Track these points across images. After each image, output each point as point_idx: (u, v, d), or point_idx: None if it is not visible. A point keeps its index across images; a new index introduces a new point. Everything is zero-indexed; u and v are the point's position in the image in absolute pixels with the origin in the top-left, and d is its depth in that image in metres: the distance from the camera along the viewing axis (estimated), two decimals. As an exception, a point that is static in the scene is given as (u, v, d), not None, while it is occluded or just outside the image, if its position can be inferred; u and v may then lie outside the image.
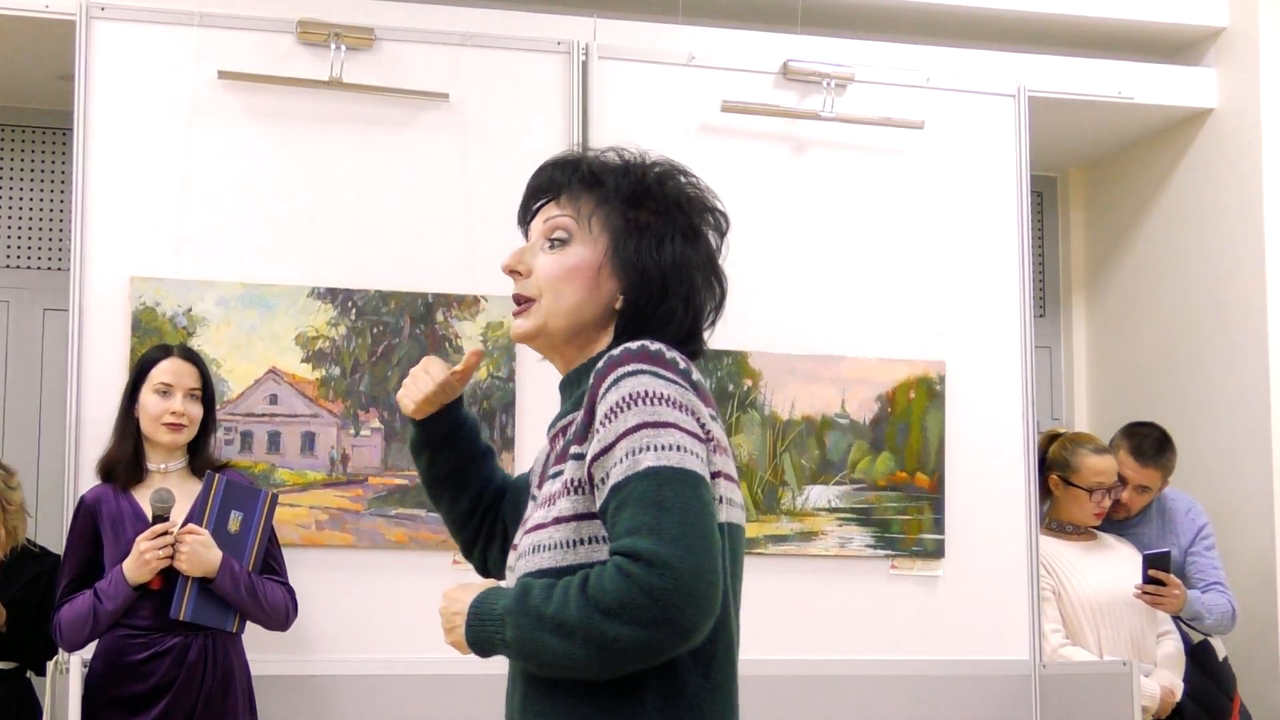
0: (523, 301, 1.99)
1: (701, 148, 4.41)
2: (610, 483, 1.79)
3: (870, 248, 4.55)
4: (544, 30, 4.53)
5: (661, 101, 4.44)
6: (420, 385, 2.13)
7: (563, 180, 1.99)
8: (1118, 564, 4.64)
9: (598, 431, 1.81)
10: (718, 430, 1.87)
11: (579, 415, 1.87)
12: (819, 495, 4.42)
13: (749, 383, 4.39)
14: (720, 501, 1.84)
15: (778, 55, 4.58)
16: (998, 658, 4.47)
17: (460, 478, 2.16)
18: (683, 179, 2.01)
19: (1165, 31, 5.50)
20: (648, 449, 1.77)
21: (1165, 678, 4.52)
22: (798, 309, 4.46)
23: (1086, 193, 6.22)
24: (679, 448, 1.78)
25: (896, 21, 5.29)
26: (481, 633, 1.82)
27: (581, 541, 1.83)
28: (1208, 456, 5.32)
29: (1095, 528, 4.71)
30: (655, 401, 1.80)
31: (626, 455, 1.78)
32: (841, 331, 4.49)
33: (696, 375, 1.88)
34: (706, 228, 2.00)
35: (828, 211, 4.53)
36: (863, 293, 4.53)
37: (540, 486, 1.99)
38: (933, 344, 4.55)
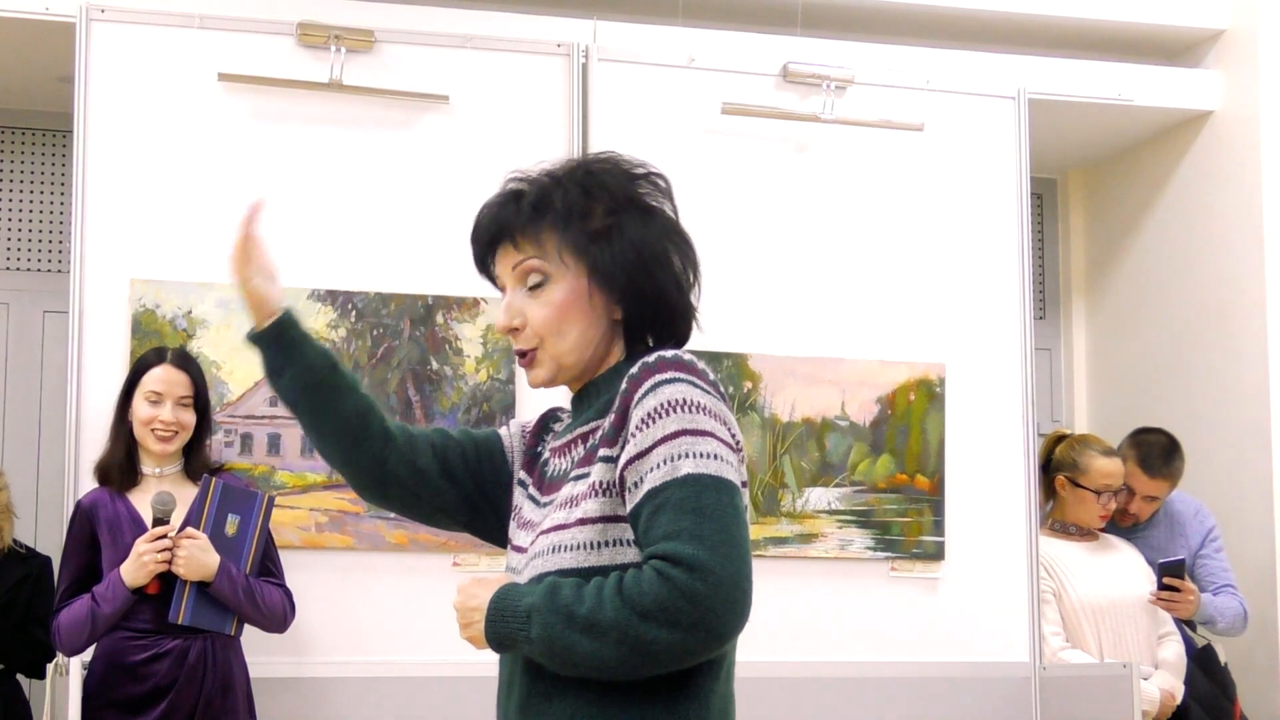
0: (523, 354, 1.97)
1: (702, 150, 4.41)
2: (645, 487, 1.79)
3: (870, 250, 4.55)
4: (544, 32, 4.53)
5: (662, 104, 4.44)
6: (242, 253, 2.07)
7: (511, 220, 1.96)
8: (1120, 566, 4.64)
9: (633, 436, 1.81)
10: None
11: (606, 420, 1.87)
12: (819, 497, 4.42)
13: (749, 385, 4.39)
14: (746, 509, 1.85)
15: (778, 57, 4.58)
16: (998, 660, 4.47)
17: (319, 392, 2.04)
18: (602, 164, 1.98)
19: (1165, 34, 5.50)
20: (687, 456, 1.78)
21: (1166, 680, 4.52)
22: (798, 311, 4.46)
23: (1087, 195, 6.22)
24: (716, 456, 1.79)
25: (896, 24, 5.29)
26: (503, 629, 1.81)
27: (607, 544, 1.83)
28: (1208, 459, 5.31)
29: (1101, 530, 4.71)
30: (693, 409, 1.80)
31: (665, 461, 1.78)
32: (841, 334, 4.49)
33: (722, 388, 1.89)
34: (651, 198, 1.98)
35: (828, 213, 4.53)
36: (863, 295, 4.53)
37: (541, 487, 1.99)
38: (933, 346, 4.55)
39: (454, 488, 2.07)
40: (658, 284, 1.94)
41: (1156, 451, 4.79)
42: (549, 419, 2.10)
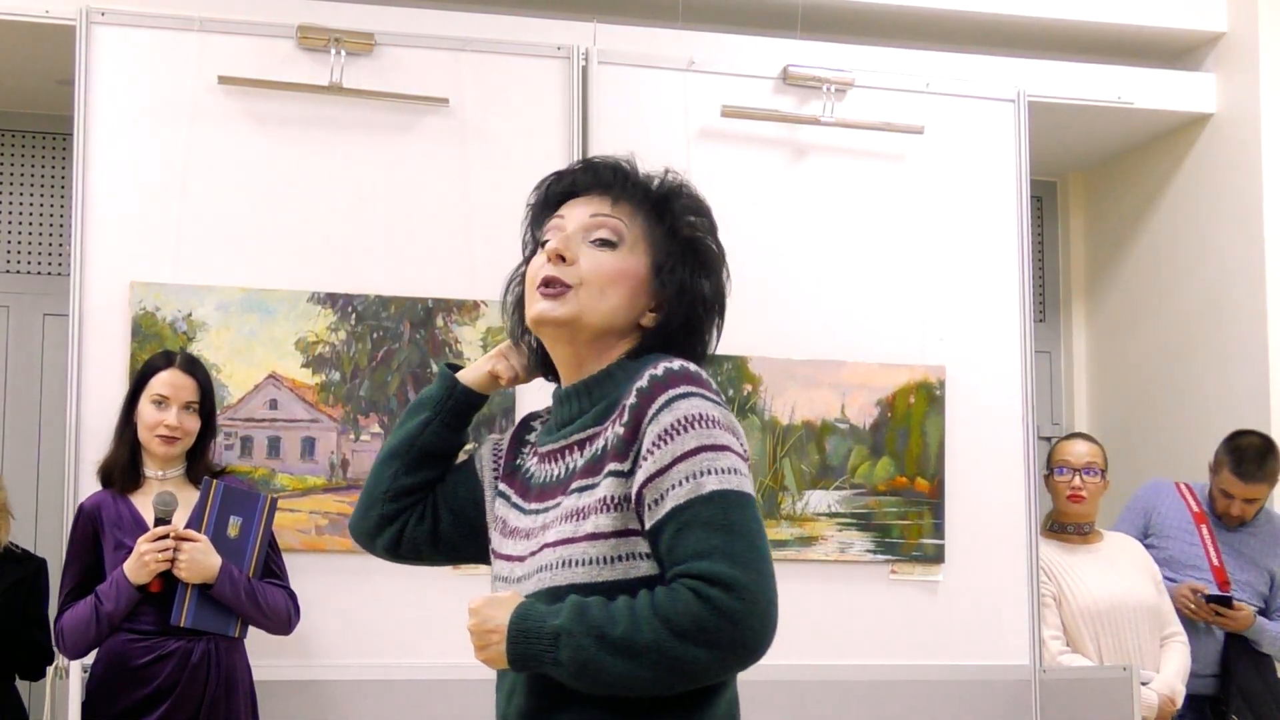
0: (555, 284, 1.94)
1: (701, 152, 4.41)
2: (668, 504, 1.80)
3: (870, 252, 4.55)
4: (544, 35, 4.54)
5: (661, 106, 4.44)
6: (511, 360, 2.11)
7: (618, 185, 1.99)
8: (1121, 570, 4.64)
9: (650, 453, 1.81)
10: None
11: (609, 430, 1.87)
12: (819, 500, 4.42)
13: (749, 387, 4.39)
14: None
15: (778, 60, 4.58)
16: (998, 663, 4.47)
17: (430, 458, 2.11)
18: (702, 202, 2.03)
19: (1164, 36, 5.51)
20: (709, 472, 1.80)
21: (1165, 685, 4.51)
22: (798, 314, 4.46)
23: (1086, 198, 6.22)
24: (735, 470, 1.82)
25: (896, 26, 5.30)
26: (528, 651, 1.80)
27: (620, 558, 1.83)
28: (1207, 461, 5.31)
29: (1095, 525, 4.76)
30: (710, 424, 1.82)
31: (687, 478, 1.79)
32: (841, 336, 4.49)
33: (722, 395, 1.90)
34: (721, 251, 2.03)
35: (828, 216, 4.53)
36: (863, 297, 4.53)
37: (526, 495, 1.99)
38: (933, 349, 4.55)
39: (454, 548, 2.13)
40: (697, 317, 1.97)
41: (1250, 455, 4.81)
42: (523, 430, 2.10)
